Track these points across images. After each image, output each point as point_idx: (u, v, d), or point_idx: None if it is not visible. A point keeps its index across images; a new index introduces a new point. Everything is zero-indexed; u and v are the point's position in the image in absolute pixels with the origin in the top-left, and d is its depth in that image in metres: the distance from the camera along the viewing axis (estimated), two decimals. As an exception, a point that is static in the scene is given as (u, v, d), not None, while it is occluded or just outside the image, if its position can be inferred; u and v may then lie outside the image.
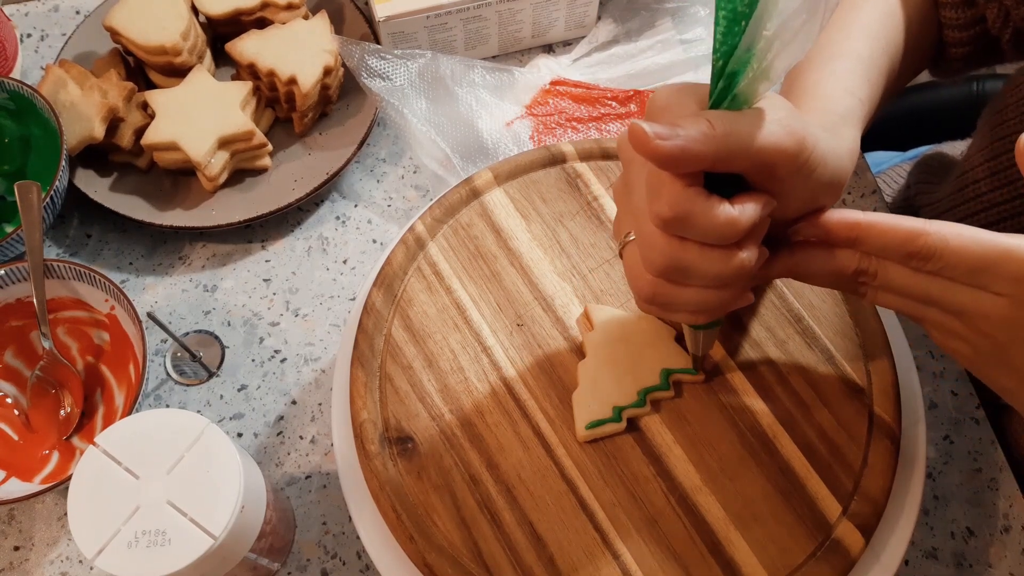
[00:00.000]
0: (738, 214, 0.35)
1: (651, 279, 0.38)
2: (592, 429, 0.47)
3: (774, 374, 0.49)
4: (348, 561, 0.56)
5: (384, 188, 0.69)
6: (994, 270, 0.36)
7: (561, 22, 0.72)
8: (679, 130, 0.33)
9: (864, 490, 0.45)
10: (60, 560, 0.56)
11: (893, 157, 0.85)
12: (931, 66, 0.61)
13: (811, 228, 0.40)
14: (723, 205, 0.35)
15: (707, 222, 0.35)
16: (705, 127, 0.33)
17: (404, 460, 0.47)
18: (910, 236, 0.37)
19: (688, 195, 0.35)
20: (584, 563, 0.44)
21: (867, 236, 0.38)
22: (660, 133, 0.33)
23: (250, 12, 0.67)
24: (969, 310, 0.38)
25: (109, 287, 0.57)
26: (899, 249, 0.37)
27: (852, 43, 0.50)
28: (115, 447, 0.43)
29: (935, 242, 0.36)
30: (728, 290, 0.38)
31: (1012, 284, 0.36)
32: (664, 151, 0.33)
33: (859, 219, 0.38)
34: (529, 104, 0.70)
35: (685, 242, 0.36)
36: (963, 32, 0.56)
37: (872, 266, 0.39)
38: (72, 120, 0.63)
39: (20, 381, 0.60)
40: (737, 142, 0.34)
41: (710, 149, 0.33)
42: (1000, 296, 0.36)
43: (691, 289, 0.38)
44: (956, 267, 0.37)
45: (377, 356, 0.50)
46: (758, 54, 0.33)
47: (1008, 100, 0.58)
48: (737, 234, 0.35)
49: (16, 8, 0.76)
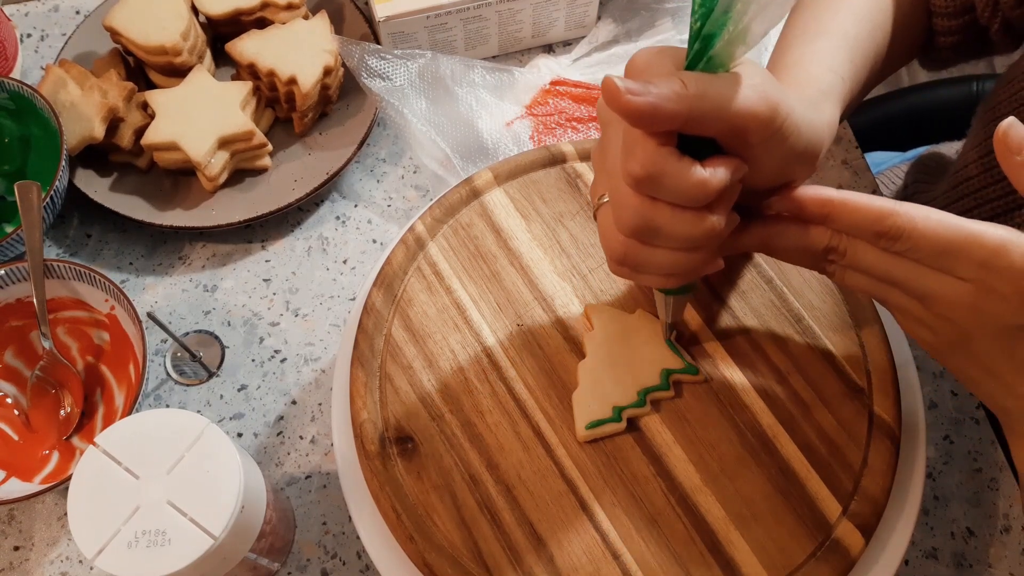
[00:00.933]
0: (709, 176, 0.35)
1: (623, 239, 0.39)
2: (592, 429, 0.47)
3: (774, 374, 0.49)
4: (348, 561, 0.56)
5: (384, 188, 0.69)
6: (960, 254, 0.36)
7: (561, 22, 0.72)
8: (651, 87, 0.33)
9: (864, 490, 0.45)
10: (60, 560, 0.56)
11: (893, 157, 0.85)
12: (921, 56, 0.61)
13: (784, 202, 0.40)
14: (695, 167, 0.35)
15: (678, 182, 0.35)
16: (678, 86, 0.34)
17: (404, 460, 0.47)
18: (880, 215, 0.37)
19: (661, 154, 0.35)
20: (584, 563, 0.44)
21: (838, 213, 0.38)
22: (632, 88, 0.33)
23: (250, 12, 0.67)
24: (934, 294, 0.38)
25: (109, 287, 0.57)
26: (869, 228, 0.38)
27: (838, 22, 0.50)
28: (115, 447, 0.43)
29: (904, 223, 0.37)
30: (698, 253, 0.39)
31: (977, 269, 0.36)
32: (634, 106, 0.33)
33: (831, 196, 0.39)
34: (529, 104, 0.70)
35: (656, 202, 0.36)
36: (952, 20, 0.56)
37: (842, 244, 0.40)
38: (72, 120, 0.63)
39: (20, 381, 0.60)
40: (710, 104, 0.34)
41: (682, 108, 0.34)
42: (964, 281, 0.37)
43: (661, 251, 0.38)
44: (923, 249, 0.37)
45: (377, 356, 0.50)
46: (735, 16, 0.33)
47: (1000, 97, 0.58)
48: (707, 196, 0.36)
49: (16, 8, 0.76)
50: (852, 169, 0.69)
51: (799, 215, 0.40)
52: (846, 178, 0.69)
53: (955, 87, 0.92)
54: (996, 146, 0.36)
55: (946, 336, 0.39)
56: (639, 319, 0.50)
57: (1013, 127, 0.36)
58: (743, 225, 0.41)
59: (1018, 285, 0.35)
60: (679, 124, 0.34)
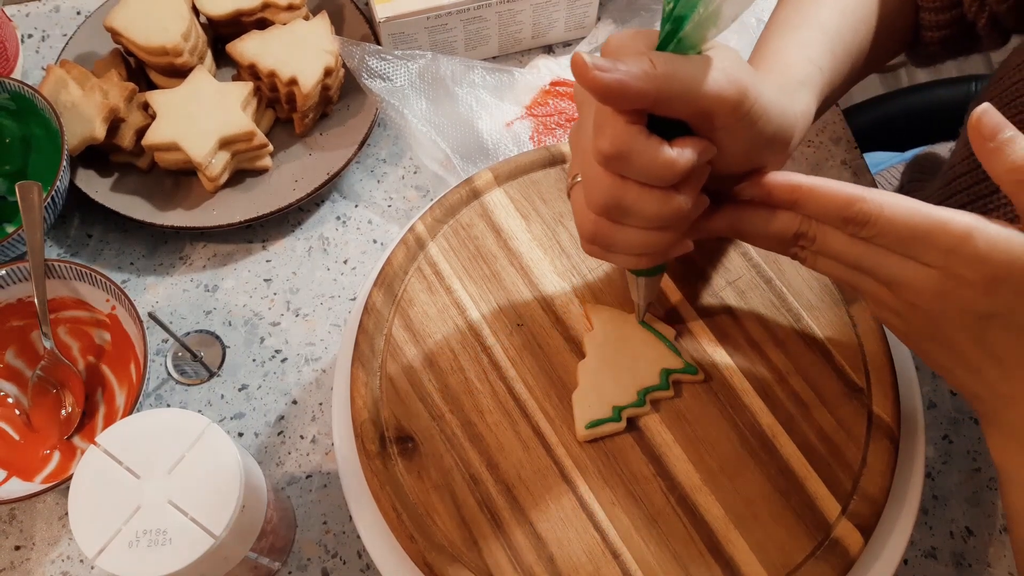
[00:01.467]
0: (676, 156, 0.36)
1: (594, 217, 0.39)
2: (592, 429, 0.47)
3: (773, 374, 0.49)
4: (348, 560, 0.56)
5: (384, 188, 0.69)
6: (926, 241, 0.36)
7: (561, 23, 0.72)
8: (619, 65, 0.34)
9: (863, 490, 0.45)
10: (61, 560, 0.56)
11: (892, 157, 0.85)
12: (908, 52, 0.62)
13: (754, 188, 0.40)
14: (663, 146, 0.36)
15: (645, 160, 0.36)
16: (646, 65, 0.34)
17: (404, 460, 0.47)
18: (848, 201, 0.37)
19: (629, 132, 0.35)
20: (584, 563, 0.44)
21: (807, 199, 0.39)
22: (599, 65, 0.33)
23: (251, 13, 0.67)
24: (901, 280, 0.38)
25: (110, 287, 0.57)
26: (837, 213, 0.38)
27: (820, 15, 0.50)
28: (116, 447, 0.43)
29: (871, 208, 0.37)
30: (667, 233, 0.39)
31: (943, 256, 0.36)
32: (601, 82, 0.33)
33: (800, 181, 0.39)
34: (529, 105, 0.70)
35: (625, 181, 0.37)
36: (939, 15, 0.56)
37: (811, 230, 0.40)
38: (73, 120, 0.63)
39: (21, 381, 0.60)
40: (677, 85, 0.35)
41: (649, 87, 0.34)
42: (931, 268, 0.37)
43: (631, 229, 0.39)
44: (889, 235, 0.37)
45: (377, 356, 0.50)
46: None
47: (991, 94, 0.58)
48: (675, 176, 0.36)
49: (17, 8, 0.76)
50: (852, 169, 0.70)
51: (769, 201, 0.40)
52: (846, 178, 0.69)
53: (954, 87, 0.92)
54: (970, 133, 0.36)
55: (915, 323, 0.40)
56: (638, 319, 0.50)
57: (986, 113, 0.36)
58: (713, 209, 0.42)
59: (983, 271, 0.36)
60: (647, 103, 0.35)
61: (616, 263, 0.43)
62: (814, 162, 0.70)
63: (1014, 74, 0.56)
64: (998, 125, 0.36)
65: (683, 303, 0.51)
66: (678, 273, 0.52)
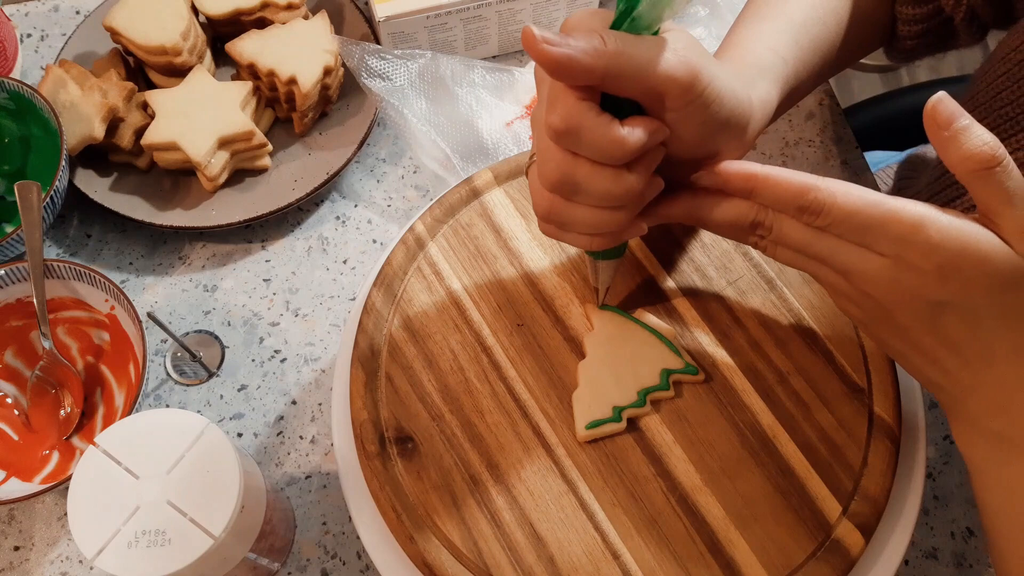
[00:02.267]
0: (626, 134, 0.36)
1: (548, 195, 0.39)
2: (592, 429, 0.47)
3: (774, 374, 0.49)
4: (348, 561, 0.56)
5: (384, 188, 0.69)
6: (879, 230, 0.36)
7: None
8: (570, 40, 0.34)
9: (864, 490, 0.45)
10: (60, 560, 0.56)
11: (891, 157, 0.85)
12: (885, 48, 0.61)
13: (710, 176, 0.41)
14: (613, 124, 0.36)
15: (595, 137, 0.36)
16: (597, 41, 0.34)
17: (404, 460, 0.47)
18: (802, 190, 0.38)
19: (580, 108, 0.35)
20: (584, 563, 0.44)
21: (762, 188, 0.39)
22: (549, 39, 0.33)
23: (250, 12, 0.67)
24: (855, 269, 0.38)
25: (109, 287, 0.57)
26: (791, 202, 0.38)
27: (787, 7, 0.50)
28: (115, 447, 0.43)
29: (824, 197, 0.37)
30: (620, 213, 0.39)
31: (895, 244, 0.36)
32: (549, 55, 0.34)
33: (755, 170, 0.39)
34: (529, 104, 0.70)
35: (577, 158, 0.37)
36: (916, 8, 0.56)
37: (768, 219, 0.40)
38: (72, 120, 0.63)
39: (20, 381, 0.60)
40: (628, 63, 0.35)
41: (598, 64, 0.34)
42: (884, 256, 0.37)
43: (583, 208, 0.39)
44: (843, 224, 0.37)
45: (377, 356, 0.50)
46: None
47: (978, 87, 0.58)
48: (625, 154, 0.36)
49: (16, 8, 0.76)
50: (852, 169, 0.69)
51: (725, 189, 0.41)
52: (846, 178, 0.69)
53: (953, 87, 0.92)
54: (925, 122, 0.36)
55: (872, 311, 0.40)
56: (639, 319, 0.50)
57: (941, 102, 0.36)
58: (671, 195, 0.42)
59: (935, 260, 0.36)
60: (596, 79, 0.35)
61: (572, 243, 0.43)
62: (815, 161, 0.70)
63: (999, 66, 0.55)
64: (953, 114, 0.36)
65: (683, 303, 0.51)
66: (679, 273, 0.52)
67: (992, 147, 0.35)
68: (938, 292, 0.37)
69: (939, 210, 0.36)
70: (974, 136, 0.35)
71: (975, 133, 0.35)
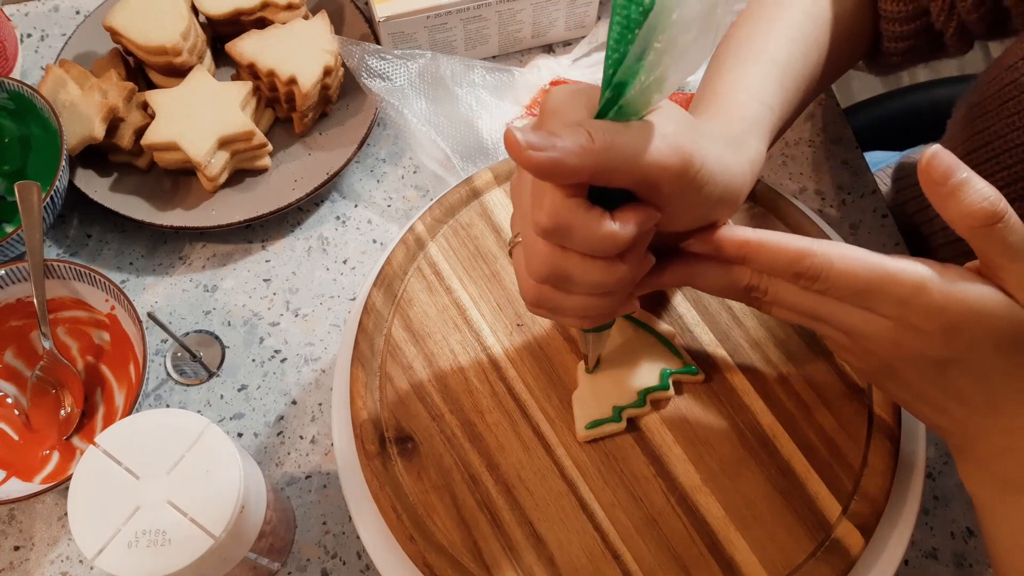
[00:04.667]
0: (618, 229, 0.34)
1: (535, 284, 0.38)
2: (592, 429, 0.47)
3: (774, 374, 0.49)
4: (348, 561, 0.56)
5: (384, 188, 0.69)
6: (879, 293, 0.36)
7: (561, 22, 0.72)
8: (556, 140, 0.32)
9: (864, 490, 0.45)
10: (60, 560, 0.56)
11: (891, 157, 0.85)
12: (867, 61, 0.61)
13: (702, 243, 0.40)
14: (603, 220, 0.34)
15: (586, 235, 0.34)
16: (584, 139, 0.32)
17: (404, 460, 0.47)
18: (796, 257, 0.37)
19: (568, 206, 0.34)
20: (584, 563, 0.44)
21: (755, 255, 0.38)
22: (534, 143, 0.32)
23: (250, 12, 0.67)
24: (856, 330, 0.38)
25: (109, 287, 0.57)
26: (786, 269, 0.37)
27: (770, 45, 0.49)
28: (115, 447, 0.43)
29: (821, 263, 0.36)
30: (611, 297, 0.38)
31: (897, 307, 0.36)
32: (537, 162, 0.32)
33: (748, 237, 0.38)
34: (529, 104, 0.70)
35: (567, 251, 0.35)
36: (904, 26, 0.55)
37: (763, 283, 0.40)
38: (72, 120, 0.63)
39: (20, 381, 0.60)
40: (617, 157, 0.33)
41: (587, 163, 0.32)
42: (886, 318, 0.37)
43: (575, 296, 0.38)
44: (842, 288, 0.37)
45: (377, 356, 0.50)
46: (647, 66, 0.32)
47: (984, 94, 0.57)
48: (617, 248, 0.35)
49: (16, 8, 0.76)
50: (852, 169, 0.69)
51: (717, 256, 0.40)
52: (846, 178, 0.69)
53: (954, 86, 0.92)
54: (920, 177, 0.35)
55: (874, 365, 0.40)
56: (639, 319, 0.50)
57: (936, 156, 0.35)
58: (662, 263, 0.40)
59: (939, 322, 0.35)
60: (585, 178, 0.33)
61: (562, 323, 0.42)
62: (815, 162, 0.70)
63: (1006, 74, 0.55)
64: (950, 167, 0.34)
65: (683, 303, 0.51)
66: (678, 273, 0.52)
67: (993, 202, 0.34)
68: (943, 351, 0.36)
69: (940, 269, 0.36)
70: (974, 191, 0.34)
71: (975, 187, 0.34)
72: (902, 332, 0.36)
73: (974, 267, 0.37)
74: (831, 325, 0.39)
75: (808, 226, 0.53)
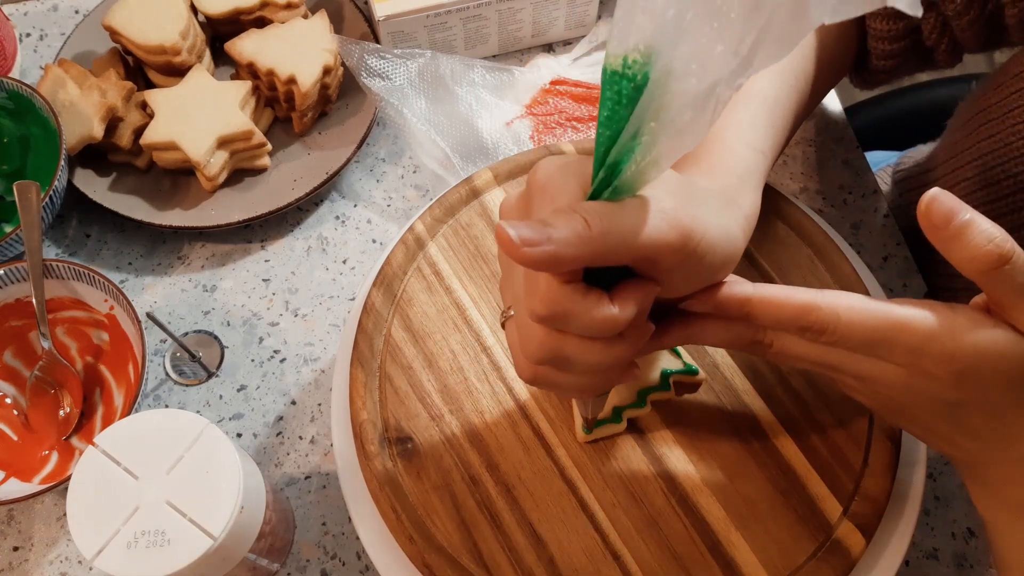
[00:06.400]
0: (618, 312, 0.33)
1: (531, 364, 0.37)
2: (592, 430, 0.47)
3: (774, 374, 0.49)
4: (348, 561, 0.56)
5: (384, 188, 0.69)
6: (889, 343, 0.36)
7: (561, 21, 0.72)
8: (551, 232, 0.30)
9: (865, 490, 0.45)
10: (59, 560, 0.56)
11: (891, 157, 0.85)
12: (853, 76, 0.60)
13: (703, 305, 0.38)
14: (601, 303, 0.33)
15: (585, 320, 0.33)
16: (580, 227, 0.31)
17: (404, 460, 0.47)
18: (801, 312, 0.36)
19: (564, 292, 0.32)
20: (584, 563, 0.44)
21: (758, 312, 0.37)
22: (528, 239, 0.30)
23: (249, 11, 0.67)
24: (868, 377, 0.37)
25: (108, 287, 0.57)
26: (791, 324, 0.37)
27: (758, 83, 0.48)
28: (114, 447, 0.43)
29: (827, 317, 0.36)
30: (610, 372, 0.37)
31: (908, 355, 0.36)
32: (532, 258, 0.30)
33: (750, 294, 0.37)
34: (529, 104, 0.70)
35: (564, 335, 0.34)
36: (893, 44, 0.55)
37: (767, 337, 0.39)
38: (71, 120, 0.63)
39: (19, 381, 0.59)
40: (616, 240, 0.31)
41: (585, 252, 0.31)
42: (897, 365, 0.36)
43: (572, 375, 0.36)
44: (851, 340, 0.36)
45: (377, 356, 0.50)
46: (643, 146, 0.30)
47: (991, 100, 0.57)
48: (617, 330, 0.33)
49: (15, 7, 0.76)
50: (853, 169, 0.69)
51: (720, 314, 0.39)
52: (847, 178, 0.69)
53: (954, 86, 0.92)
54: (921, 221, 0.35)
55: (885, 405, 0.39)
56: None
57: (935, 200, 0.34)
58: (663, 327, 0.40)
59: (951, 368, 0.35)
60: (583, 265, 0.32)
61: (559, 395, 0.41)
62: (815, 162, 0.70)
63: (1012, 83, 0.55)
64: (952, 210, 0.33)
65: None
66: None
67: (999, 244, 0.33)
68: (955, 394, 0.36)
69: (949, 313, 0.35)
70: (978, 234, 0.33)
71: (979, 229, 0.33)
72: (914, 378, 0.36)
73: (982, 303, 0.36)
74: (841, 372, 0.39)
75: (809, 226, 0.53)
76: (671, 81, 0.29)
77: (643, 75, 0.30)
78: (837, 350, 0.37)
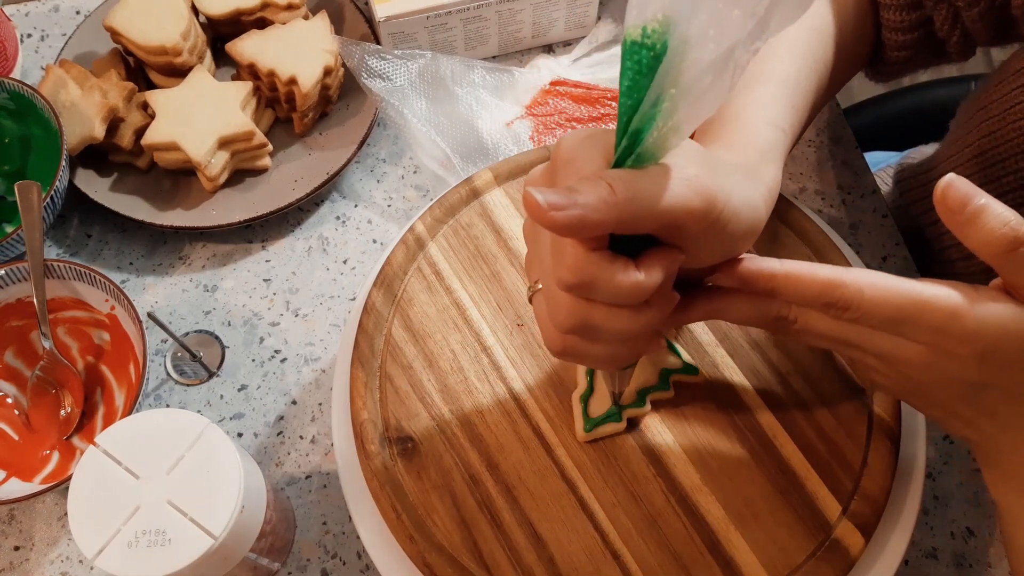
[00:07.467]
0: (644, 278, 0.33)
1: (561, 335, 0.37)
2: (592, 429, 0.47)
3: (774, 374, 0.49)
4: (348, 561, 0.56)
5: (384, 188, 0.69)
6: (912, 321, 0.36)
7: (561, 22, 0.72)
8: (577, 197, 0.31)
9: (864, 490, 0.45)
10: (60, 560, 0.56)
11: (891, 157, 0.85)
12: (868, 69, 0.61)
13: (727, 278, 0.39)
14: (628, 270, 0.33)
15: (612, 287, 0.33)
16: (605, 192, 0.31)
17: (404, 460, 0.47)
18: (826, 288, 0.37)
19: (591, 259, 0.33)
20: (584, 563, 0.44)
21: (784, 287, 0.38)
22: (555, 203, 0.31)
23: (250, 12, 0.67)
24: (890, 355, 0.38)
25: (109, 287, 0.57)
26: (816, 300, 0.37)
27: (778, 64, 0.48)
28: (115, 447, 0.43)
29: (852, 294, 0.36)
30: (638, 340, 0.37)
31: (931, 334, 0.36)
32: (560, 222, 0.31)
33: (775, 270, 0.38)
34: (529, 104, 0.70)
35: (592, 303, 0.35)
36: (906, 35, 0.55)
37: (792, 313, 0.39)
38: (72, 120, 0.63)
39: (20, 381, 0.60)
40: (641, 206, 0.32)
41: (610, 217, 0.31)
42: (920, 344, 0.36)
43: (601, 344, 0.37)
44: (874, 317, 0.36)
45: (377, 356, 0.50)
46: (664, 113, 0.31)
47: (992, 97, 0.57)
48: (643, 296, 0.34)
49: (16, 8, 0.76)
50: (852, 169, 0.69)
51: (745, 289, 0.39)
52: (846, 178, 0.69)
53: (954, 86, 0.92)
54: (937, 207, 0.35)
55: (905, 386, 0.40)
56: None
57: (951, 186, 0.34)
58: (687, 300, 0.40)
59: (974, 347, 0.35)
60: (609, 230, 0.33)
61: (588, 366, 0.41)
62: (815, 162, 0.70)
63: (1014, 79, 0.55)
64: (967, 195, 0.34)
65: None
66: (678, 273, 0.52)
67: (1014, 227, 0.34)
68: (977, 374, 0.36)
69: (972, 293, 0.36)
70: (993, 217, 0.34)
71: (994, 213, 0.34)
72: (936, 357, 0.36)
73: (1000, 286, 0.36)
74: (864, 350, 0.39)
75: (808, 226, 0.53)
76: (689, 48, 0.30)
77: (662, 44, 0.30)
78: (860, 327, 0.38)
